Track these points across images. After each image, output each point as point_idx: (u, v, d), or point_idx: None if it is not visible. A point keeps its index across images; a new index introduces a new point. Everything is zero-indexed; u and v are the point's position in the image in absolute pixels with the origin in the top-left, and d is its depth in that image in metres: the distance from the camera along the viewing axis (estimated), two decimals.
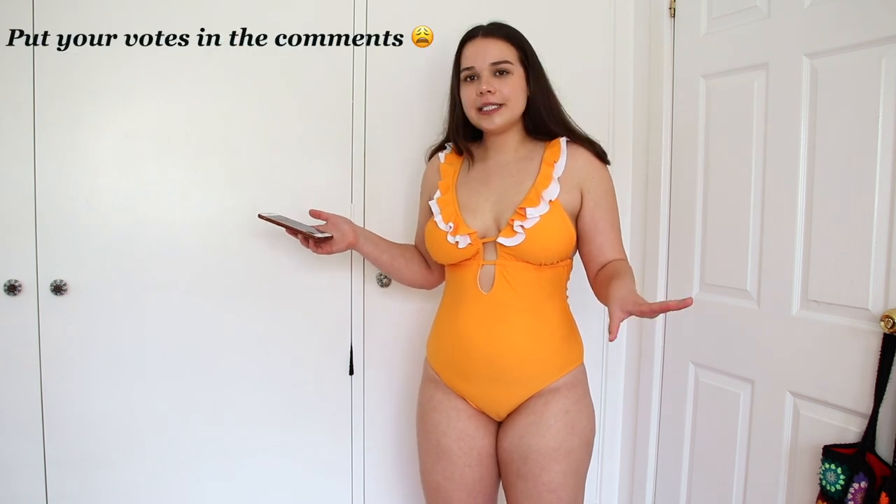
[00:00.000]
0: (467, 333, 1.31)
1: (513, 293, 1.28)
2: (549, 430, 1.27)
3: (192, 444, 1.62)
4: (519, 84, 1.32)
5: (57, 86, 1.46)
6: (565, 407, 1.29)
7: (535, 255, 1.27)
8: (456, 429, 1.35)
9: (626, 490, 1.95)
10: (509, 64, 1.30)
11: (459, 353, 1.33)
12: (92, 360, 1.53)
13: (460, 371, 1.34)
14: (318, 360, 1.70)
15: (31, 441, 1.50)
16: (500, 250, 1.28)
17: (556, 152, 1.32)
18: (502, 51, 1.31)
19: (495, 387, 1.31)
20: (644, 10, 1.83)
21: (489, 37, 1.32)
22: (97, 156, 1.51)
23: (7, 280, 1.45)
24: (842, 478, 1.24)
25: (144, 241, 1.54)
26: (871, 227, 1.26)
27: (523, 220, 1.26)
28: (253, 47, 1.59)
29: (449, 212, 1.34)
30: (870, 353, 1.25)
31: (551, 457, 1.26)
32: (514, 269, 1.28)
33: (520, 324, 1.29)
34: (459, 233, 1.30)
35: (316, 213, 1.46)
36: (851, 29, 1.29)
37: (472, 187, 1.37)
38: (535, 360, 1.30)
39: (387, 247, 1.50)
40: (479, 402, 1.34)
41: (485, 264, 1.31)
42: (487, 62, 1.30)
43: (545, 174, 1.30)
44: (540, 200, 1.27)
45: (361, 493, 1.77)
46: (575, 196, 1.30)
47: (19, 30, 1.43)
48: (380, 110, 1.69)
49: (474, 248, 1.30)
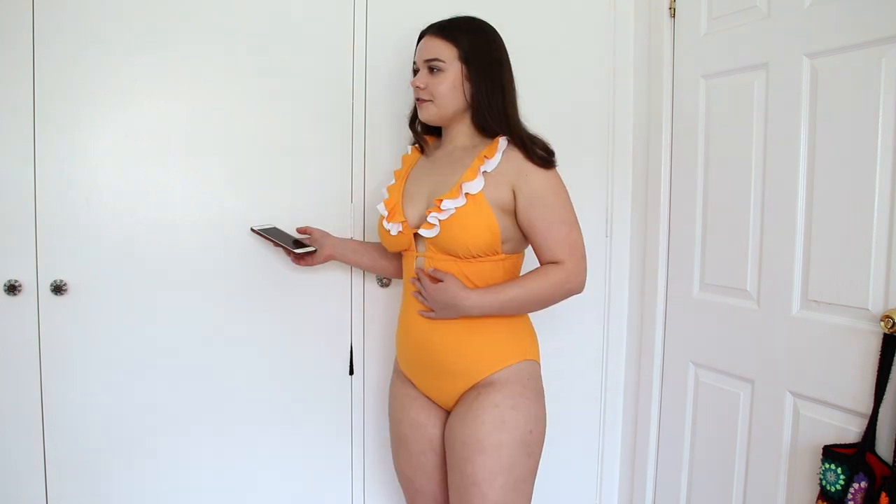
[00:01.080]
0: (407, 324, 1.37)
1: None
2: (474, 420, 1.25)
3: (191, 444, 1.61)
4: (450, 82, 1.32)
5: (57, 86, 1.46)
6: (495, 401, 1.26)
7: (452, 247, 1.28)
8: (409, 416, 1.39)
9: (626, 490, 1.95)
10: (440, 62, 1.32)
11: (404, 342, 1.39)
12: (92, 360, 1.52)
13: (409, 361, 1.40)
14: (318, 360, 1.70)
15: (31, 441, 1.50)
16: (427, 242, 1.31)
17: (493, 149, 1.31)
18: (438, 49, 1.33)
19: (435, 377, 1.34)
20: (644, 10, 1.83)
21: (432, 34, 1.35)
22: (97, 156, 1.51)
23: (7, 280, 1.45)
24: (842, 478, 1.24)
25: (144, 241, 1.54)
26: (871, 227, 1.26)
27: (439, 213, 1.27)
28: (253, 46, 1.59)
29: (392, 198, 1.39)
30: (870, 353, 1.25)
31: (474, 448, 1.23)
32: (441, 261, 1.30)
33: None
34: (393, 219, 1.35)
35: (302, 229, 1.57)
36: (851, 29, 1.29)
37: (417, 177, 1.41)
38: (464, 353, 1.30)
39: (366, 250, 1.58)
40: (427, 391, 1.38)
41: (417, 255, 1.34)
42: (423, 59, 1.34)
43: (473, 168, 1.29)
44: (459, 193, 1.27)
45: (361, 493, 1.77)
46: (505, 192, 1.28)
47: (19, 30, 1.43)
48: (380, 110, 1.69)
49: (406, 237, 1.34)
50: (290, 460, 1.70)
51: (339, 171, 1.68)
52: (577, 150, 1.88)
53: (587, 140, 1.90)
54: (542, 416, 1.32)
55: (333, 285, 1.69)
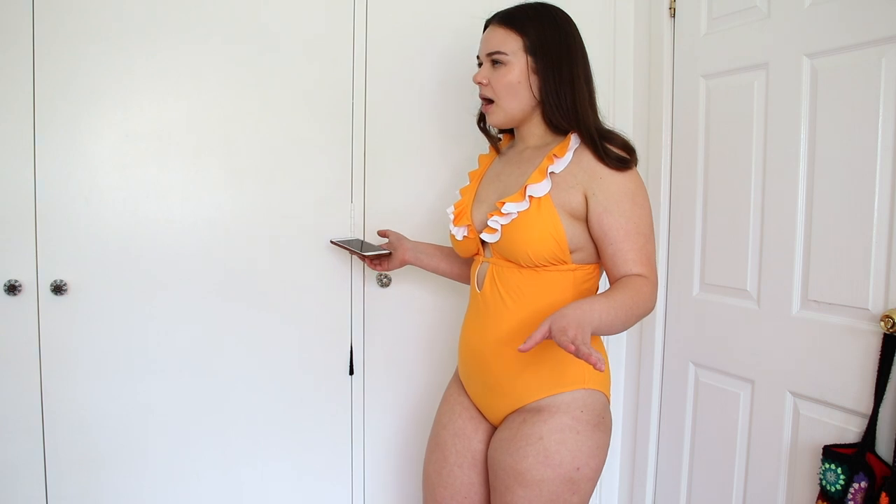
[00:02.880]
0: (465, 330, 1.31)
1: (500, 295, 1.21)
2: (517, 451, 1.16)
3: (191, 444, 1.61)
4: (514, 77, 1.21)
5: (57, 86, 1.46)
6: (540, 433, 1.15)
7: (513, 254, 1.18)
8: (455, 424, 1.32)
9: (626, 490, 1.95)
10: (503, 55, 1.21)
11: (464, 350, 1.32)
12: (92, 360, 1.52)
13: (464, 369, 1.33)
14: (318, 360, 1.70)
15: (31, 441, 1.50)
16: (492, 248, 1.23)
17: (564, 148, 1.19)
18: (502, 40, 1.21)
19: (485, 390, 1.27)
20: (644, 10, 1.83)
21: (496, 24, 1.24)
22: (97, 156, 1.51)
23: (7, 280, 1.45)
24: (842, 478, 1.24)
25: (144, 240, 1.54)
26: (871, 227, 1.26)
27: (500, 217, 1.18)
28: (253, 47, 1.59)
29: (463, 200, 1.31)
30: (870, 353, 1.25)
31: (515, 480, 1.15)
32: (502, 268, 1.22)
33: (505, 329, 1.20)
34: (459, 223, 1.28)
35: (382, 232, 1.56)
36: (851, 29, 1.29)
37: (490, 179, 1.33)
38: (518, 371, 1.20)
39: (443, 254, 1.51)
40: (478, 402, 1.31)
41: (483, 261, 1.27)
42: (485, 52, 1.24)
43: (541, 168, 1.18)
44: (523, 196, 1.17)
45: (361, 493, 1.77)
46: (575, 197, 1.16)
47: (19, 30, 1.43)
48: (380, 110, 1.69)
49: (474, 242, 1.27)
50: (290, 460, 1.70)
51: (339, 171, 1.67)
52: None
53: None
54: (596, 451, 1.18)
55: (334, 285, 1.69)
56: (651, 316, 1.83)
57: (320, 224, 1.67)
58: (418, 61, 1.70)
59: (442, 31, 1.69)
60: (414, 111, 1.71)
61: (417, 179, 1.74)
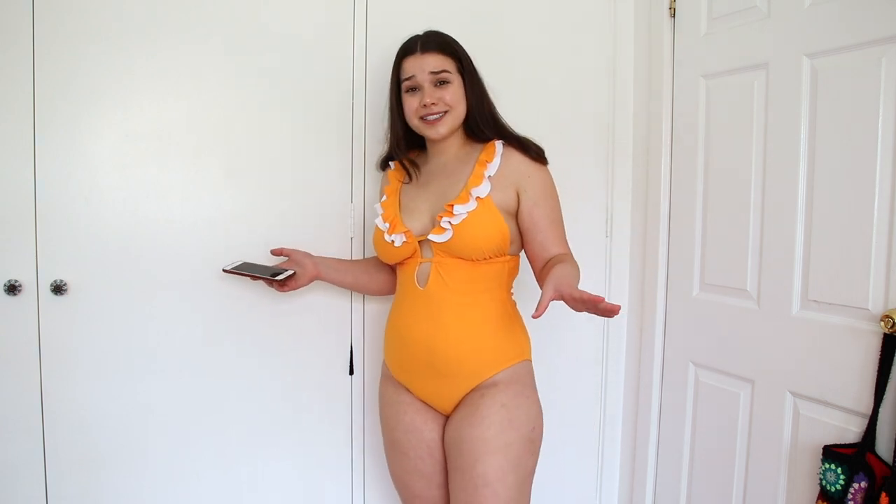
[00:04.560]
0: (407, 328, 1.36)
1: (447, 288, 1.32)
2: (482, 421, 1.27)
3: (191, 444, 1.61)
4: (459, 92, 1.37)
5: (57, 85, 1.46)
6: (502, 401, 1.29)
7: (464, 250, 1.30)
8: (403, 422, 1.39)
9: (626, 490, 1.95)
10: (448, 73, 1.35)
11: (402, 348, 1.38)
12: (92, 360, 1.52)
13: (404, 366, 1.39)
14: (318, 360, 1.70)
15: (31, 441, 1.50)
16: (435, 247, 1.32)
17: (491, 153, 1.35)
18: (441, 62, 1.36)
19: (435, 381, 1.34)
20: (644, 10, 1.83)
21: (426, 51, 1.36)
22: (97, 156, 1.51)
23: (7, 280, 1.45)
24: (842, 478, 1.24)
25: (144, 240, 1.54)
26: (871, 227, 1.26)
27: (451, 217, 1.29)
28: (253, 47, 1.59)
29: (389, 213, 1.40)
30: (870, 353, 1.25)
31: (485, 447, 1.25)
32: (449, 265, 1.32)
33: (454, 319, 1.32)
34: (395, 231, 1.36)
35: (277, 251, 1.52)
36: (851, 29, 1.29)
37: (413, 190, 1.42)
38: (470, 354, 1.32)
39: (348, 268, 1.57)
40: (424, 396, 1.38)
41: (422, 262, 1.35)
42: (426, 71, 1.35)
43: (477, 173, 1.33)
44: (469, 198, 1.30)
45: (361, 493, 1.77)
46: (510, 195, 1.33)
47: (19, 30, 1.43)
48: (380, 110, 1.68)
49: (411, 246, 1.35)
50: (290, 460, 1.70)
51: (339, 171, 1.67)
52: (577, 150, 1.88)
53: (587, 140, 1.90)
54: (539, 412, 1.35)
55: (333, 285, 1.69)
56: (651, 316, 1.83)
57: (320, 224, 1.66)
58: None
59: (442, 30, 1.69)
60: None
61: None
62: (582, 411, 1.95)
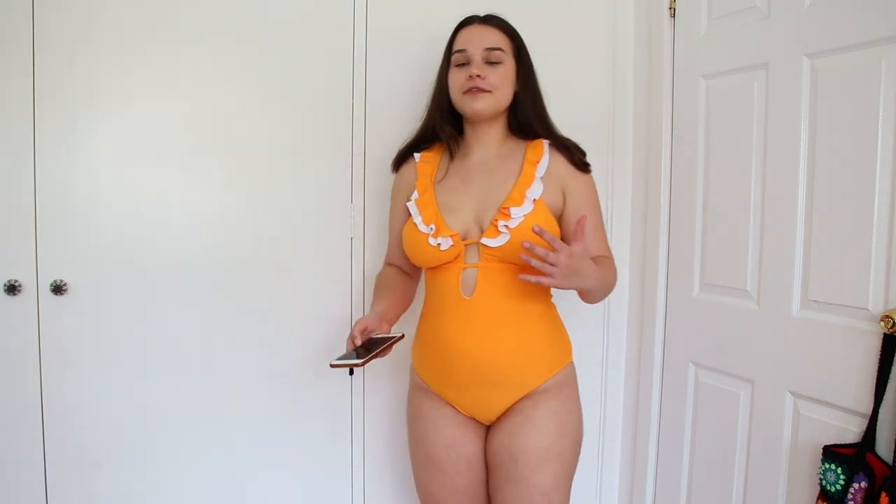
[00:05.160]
0: (452, 340, 1.28)
1: (496, 296, 1.25)
2: (539, 431, 1.25)
3: (191, 444, 1.61)
4: (508, 76, 1.30)
5: (57, 86, 1.46)
6: (555, 408, 1.28)
7: (516, 254, 1.21)
8: (444, 436, 1.32)
9: (626, 490, 1.95)
10: (502, 53, 1.29)
11: (445, 359, 1.30)
12: (92, 360, 1.53)
13: (447, 378, 1.31)
14: (318, 359, 1.70)
15: (31, 441, 1.50)
16: (483, 252, 1.25)
17: (539, 152, 1.31)
18: (497, 38, 1.30)
19: (483, 392, 1.28)
20: (644, 10, 1.83)
21: (485, 24, 1.31)
22: (97, 156, 1.51)
23: (7, 280, 1.45)
24: (842, 478, 1.24)
25: (144, 241, 1.54)
26: (871, 227, 1.26)
27: (507, 220, 1.23)
28: (252, 46, 1.59)
29: (429, 213, 1.29)
30: (870, 353, 1.25)
31: (542, 458, 1.24)
32: (497, 271, 1.25)
33: (505, 327, 1.26)
34: (441, 235, 1.26)
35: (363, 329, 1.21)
36: (851, 29, 1.29)
37: (452, 186, 1.33)
38: (521, 362, 1.28)
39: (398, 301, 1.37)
40: (467, 408, 1.32)
41: (466, 267, 1.27)
42: (481, 47, 1.28)
43: (528, 173, 1.28)
44: (524, 199, 1.25)
45: (361, 493, 1.77)
46: (558, 197, 1.30)
47: (19, 30, 1.43)
48: (380, 110, 1.69)
49: (456, 250, 1.26)
50: (290, 460, 1.70)
51: (339, 170, 1.67)
52: None
53: (587, 140, 1.86)
54: (582, 415, 1.36)
55: (333, 285, 1.69)
56: (651, 316, 1.83)
57: (320, 224, 1.67)
58: (419, 60, 1.70)
59: (443, 29, 1.68)
60: (414, 111, 1.70)
61: None
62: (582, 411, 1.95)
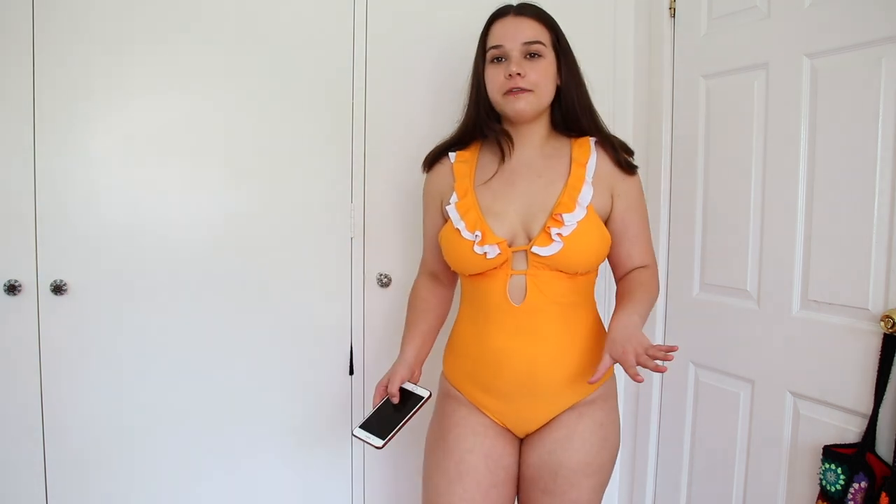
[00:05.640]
0: (498, 348, 1.21)
1: (545, 305, 1.19)
2: (582, 444, 1.21)
3: (191, 444, 1.61)
4: (549, 70, 1.21)
5: (57, 85, 1.46)
6: (600, 420, 1.23)
7: (571, 264, 1.17)
8: (483, 445, 1.23)
9: (626, 490, 1.95)
10: (542, 46, 1.19)
11: (488, 368, 1.22)
12: (92, 360, 1.53)
13: (488, 387, 1.24)
14: (318, 360, 1.70)
15: (31, 441, 1.50)
16: (532, 259, 1.18)
17: (586, 151, 1.23)
18: (535, 31, 1.20)
19: (527, 402, 1.22)
20: (644, 10, 1.83)
21: (522, 15, 1.21)
22: (97, 155, 1.51)
23: (7, 280, 1.45)
24: (842, 478, 1.24)
25: (144, 241, 1.54)
26: (871, 227, 1.26)
27: (559, 227, 1.16)
28: (253, 46, 1.59)
29: (472, 217, 1.20)
30: (870, 353, 1.25)
31: (583, 472, 1.20)
32: (546, 278, 1.18)
33: (554, 336, 1.20)
34: (487, 242, 1.17)
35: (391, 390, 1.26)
36: (851, 29, 1.29)
37: (495, 188, 1.24)
38: (571, 373, 1.21)
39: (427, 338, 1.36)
40: (506, 419, 1.25)
41: (514, 274, 1.19)
42: (519, 42, 1.19)
43: (577, 175, 1.20)
44: (576, 205, 1.17)
45: (361, 493, 1.77)
46: (606, 199, 1.22)
47: (19, 29, 1.43)
48: (380, 109, 1.69)
49: (503, 257, 1.18)
50: (289, 460, 1.70)
51: (339, 171, 1.67)
52: None
53: None
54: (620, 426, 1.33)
55: (333, 285, 1.69)
56: (651, 316, 1.81)
57: (320, 224, 1.67)
58: (419, 60, 1.70)
59: (444, 28, 1.69)
60: (415, 110, 1.71)
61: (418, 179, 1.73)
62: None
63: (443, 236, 1.26)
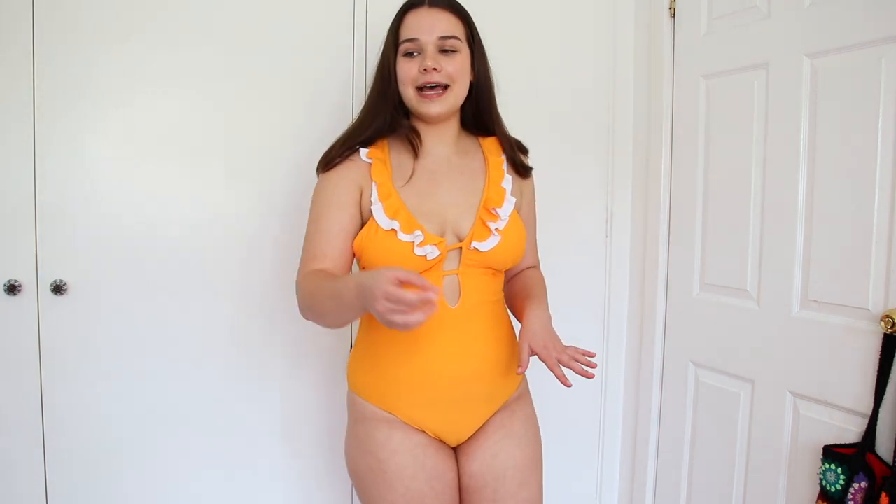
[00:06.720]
0: (435, 355, 1.13)
1: (478, 304, 1.15)
2: (520, 441, 1.18)
3: (191, 445, 1.61)
4: (465, 65, 1.15)
5: (57, 85, 1.46)
6: (528, 414, 1.23)
7: (506, 259, 1.16)
8: (426, 468, 1.14)
9: (626, 490, 1.95)
10: (457, 41, 1.13)
11: (424, 378, 1.13)
12: (92, 360, 1.52)
13: (426, 400, 1.15)
14: (318, 360, 1.70)
15: (31, 441, 1.50)
16: (466, 257, 1.13)
17: (497, 149, 1.23)
18: (451, 25, 1.13)
19: (466, 407, 1.16)
20: (644, 10, 1.83)
21: (436, 7, 1.14)
22: (97, 155, 1.51)
23: (7, 280, 1.45)
24: (842, 478, 1.24)
25: (144, 240, 1.54)
26: (871, 227, 1.26)
27: (496, 221, 1.14)
28: (253, 46, 1.58)
29: (404, 218, 1.11)
30: (870, 353, 1.25)
31: (530, 468, 1.18)
32: (475, 276, 1.15)
33: (486, 336, 1.16)
34: (428, 243, 1.10)
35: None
36: (851, 29, 1.29)
37: (419, 188, 1.16)
38: (503, 371, 1.19)
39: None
40: (440, 429, 1.17)
41: (446, 274, 1.13)
42: (434, 35, 1.12)
43: (497, 170, 1.20)
44: (504, 199, 1.16)
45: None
46: (518, 197, 1.23)
47: (19, 29, 1.43)
48: None
49: (441, 257, 1.12)
50: (289, 462, 1.70)
51: None
52: (577, 150, 1.88)
53: (587, 140, 1.89)
54: None
55: None
56: (651, 316, 1.83)
57: None
58: None
59: None
60: None
61: None
62: (582, 411, 1.95)
63: (371, 239, 1.12)
